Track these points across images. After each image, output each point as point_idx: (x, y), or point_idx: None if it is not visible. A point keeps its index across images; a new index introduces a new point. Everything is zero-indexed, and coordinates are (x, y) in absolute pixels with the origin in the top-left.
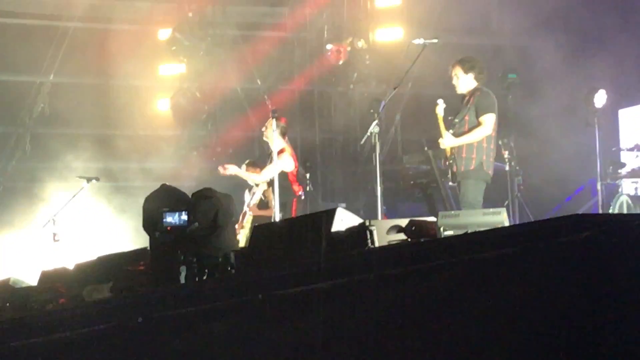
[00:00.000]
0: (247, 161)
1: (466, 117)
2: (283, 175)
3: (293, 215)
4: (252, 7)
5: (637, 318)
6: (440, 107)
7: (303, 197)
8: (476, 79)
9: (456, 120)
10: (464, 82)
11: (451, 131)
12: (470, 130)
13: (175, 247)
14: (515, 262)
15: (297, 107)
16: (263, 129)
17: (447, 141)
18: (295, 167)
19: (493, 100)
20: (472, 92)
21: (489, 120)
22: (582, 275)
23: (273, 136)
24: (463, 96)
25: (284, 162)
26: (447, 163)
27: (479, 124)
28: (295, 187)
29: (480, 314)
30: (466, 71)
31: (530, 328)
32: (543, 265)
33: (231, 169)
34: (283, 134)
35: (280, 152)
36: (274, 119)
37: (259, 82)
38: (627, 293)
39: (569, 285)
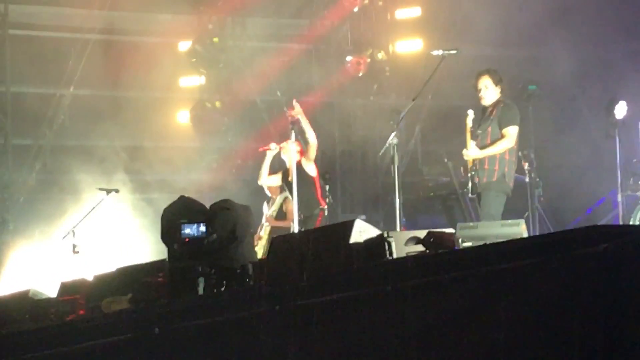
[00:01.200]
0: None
1: (489, 129)
2: (309, 188)
3: (317, 224)
4: (272, 19)
5: None
6: (470, 118)
7: (327, 213)
8: (502, 91)
9: (479, 131)
10: (492, 93)
11: (474, 142)
12: (493, 142)
13: (193, 258)
14: (534, 274)
15: (317, 119)
16: (279, 148)
17: (472, 152)
18: (317, 180)
19: (517, 112)
20: (495, 104)
21: (512, 133)
22: (600, 287)
23: (291, 149)
24: (485, 108)
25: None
26: (470, 174)
27: (502, 136)
28: (321, 201)
29: (499, 325)
30: (496, 83)
31: (550, 339)
32: (561, 277)
33: (298, 108)
34: None
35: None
36: (293, 139)
37: (279, 94)
38: None
39: (588, 296)
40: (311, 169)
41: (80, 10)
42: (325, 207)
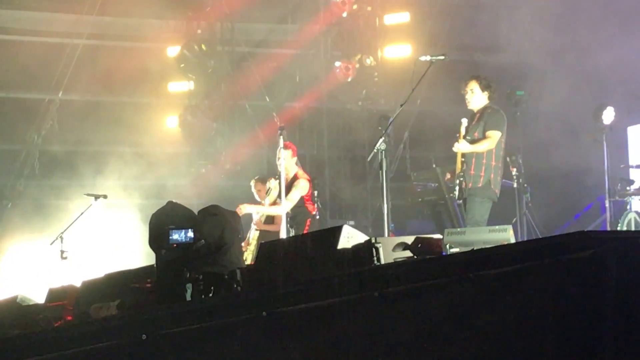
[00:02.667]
0: (256, 177)
1: (475, 134)
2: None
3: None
4: (261, 24)
5: None
6: (464, 126)
7: (318, 217)
8: (489, 97)
9: (467, 137)
10: (478, 98)
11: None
12: (475, 142)
13: (181, 264)
14: (521, 280)
15: (306, 124)
16: (277, 159)
17: (462, 146)
18: (310, 187)
19: (502, 118)
20: (483, 110)
21: (494, 136)
22: (588, 293)
23: (287, 163)
24: (473, 114)
25: (301, 188)
26: (458, 180)
27: (485, 138)
28: (310, 207)
29: (486, 331)
30: (483, 89)
31: (536, 346)
32: (549, 283)
33: (246, 209)
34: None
35: (294, 179)
36: (281, 145)
37: (268, 99)
38: (633, 310)
39: (575, 302)
40: (303, 189)
41: (68, 16)
42: (315, 213)
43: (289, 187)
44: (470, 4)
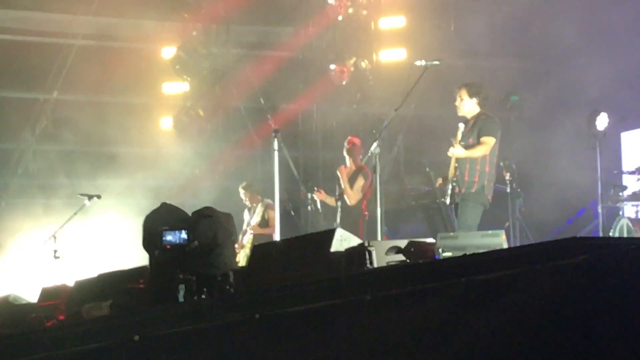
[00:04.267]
0: (244, 184)
1: (470, 140)
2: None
3: (360, 236)
4: (256, 26)
5: (634, 342)
6: (460, 131)
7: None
8: (480, 104)
9: (462, 143)
10: (467, 105)
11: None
12: (470, 148)
13: (174, 265)
14: (513, 285)
15: (300, 127)
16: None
17: (456, 150)
18: (370, 184)
19: (497, 125)
20: (477, 117)
21: (488, 142)
22: (579, 299)
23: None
24: (467, 121)
25: (363, 180)
26: (451, 184)
27: (479, 144)
28: (364, 207)
29: (478, 336)
30: (471, 95)
31: (527, 351)
32: (541, 288)
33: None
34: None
35: (361, 168)
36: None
37: (262, 101)
38: (624, 317)
39: (567, 308)
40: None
41: (64, 16)
42: (366, 214)
43: (354, 177)
44: (465, 9)
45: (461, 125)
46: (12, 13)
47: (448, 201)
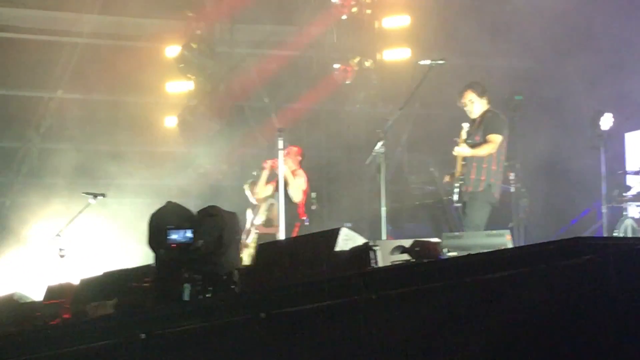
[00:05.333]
0: (249, 181)
1: (477, 138)
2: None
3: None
4: (260, 25)
5: (638, 342)
6: (465, 131)
7: (307, 224)
8: (488, 101)
9: (468, 141)
10: (479, 106)
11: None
12: (476, 146)
13: (179, 264)
14: (517, 285)
15: (304, 126)
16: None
17: (462, 149)
18: (306, 191)
19: (503, 121)
20: (483, 114)
21: (495, 140)
22: (583, 298)
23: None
24: (474, 119)
25: (302, 178)
26: (458, 183)
27: (485, 142)
28: (301, 211)
29: (482, 335)
30: (481, 95)
31: (531, 351)
32: (545, 288)
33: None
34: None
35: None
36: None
37: (266, 100)
38: (628, 316)
39: (571, 308)
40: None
41: (69, 14)
42: (304, 219)
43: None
44: (470, 8)
45: (465, 125)
46: (17, 11)
47: (455, 199)
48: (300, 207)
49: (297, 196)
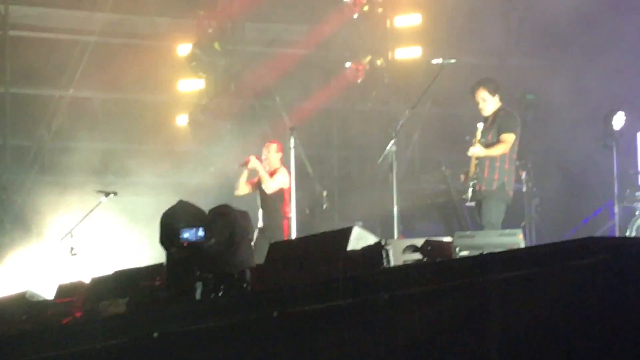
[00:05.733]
0: None
1: (490, 137)
2: (278, 196)
3: (285, 237)
4: (272, 24)
5: None
6: (479, 131)
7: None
8: (501, 98)
9: (482, 140)
10: (491, 104)
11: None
12: (490, 146)
13: (191, 263)
14: (530, 284)
15: (315, 125)
16: (264, 157)
17: (476, 149)
18: (288, 190)
19: (516, 120)
20: (496, 112)
21: (508, 139)
22: (596, 298)
23: (274, 158)
24: (486, 117)
25: (285, 175)
26: (471, 182)
27: (499, 142)
28: (287, 209)
29: (494, 335)
30: (493, 93)
31: (545, 350)
32: (557, 288)
33: (253, 162)
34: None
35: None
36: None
37: (277, 99)
38: None
39: (584, 308)
40: (282, 181)
41: (80, 12)
42: (290, 216)
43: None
44: (481, 7)
45: (480, 125)
46: (28, 10)
47: (469, 198)
48: (285, 205)
49: (270, 188)
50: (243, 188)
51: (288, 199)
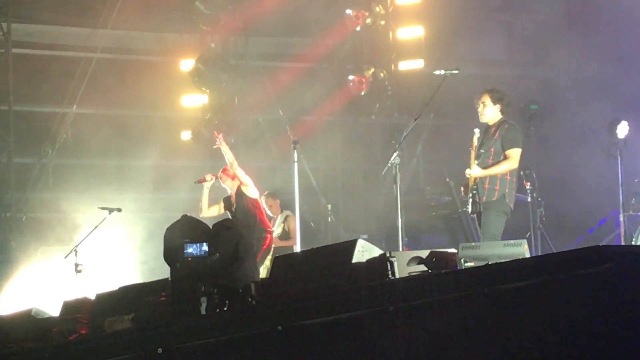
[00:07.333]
0: (266, 192)
1: (492, 149)
2: (253, 212)
3: (263, 249)
4: (274, 38)
5: None
6: (476, 137)
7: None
8: (502, 111)
9: (482, 150)
10: (490, 111)
11: (476, 162)
12: (495, 162)
13: (196, 278)
14: (536, 294)
15: (319, 138)
16: (215, 178)
17: (475, 171)
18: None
19: (520, 134)
20: (499, 124)
21: (515, 155)
22: (603, 307)
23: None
24: (488, 127)
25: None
26: (471, 194)
27: (505, 157)
28: (266, 223)
29: (501, 346)
30: (494, 101)
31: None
32: (564, 297)
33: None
34: None
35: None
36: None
37: (281, 113)
38: None
39: (590, 317)
40: (252, 192)
41: (83, 30)
42: (272, 229)
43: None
44: (483, 18)
45: (476, 131)
46: (32, 27)
47: (470, 210)
48: (263, 217)
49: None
50: (206, 210)
51: (263, 210)
